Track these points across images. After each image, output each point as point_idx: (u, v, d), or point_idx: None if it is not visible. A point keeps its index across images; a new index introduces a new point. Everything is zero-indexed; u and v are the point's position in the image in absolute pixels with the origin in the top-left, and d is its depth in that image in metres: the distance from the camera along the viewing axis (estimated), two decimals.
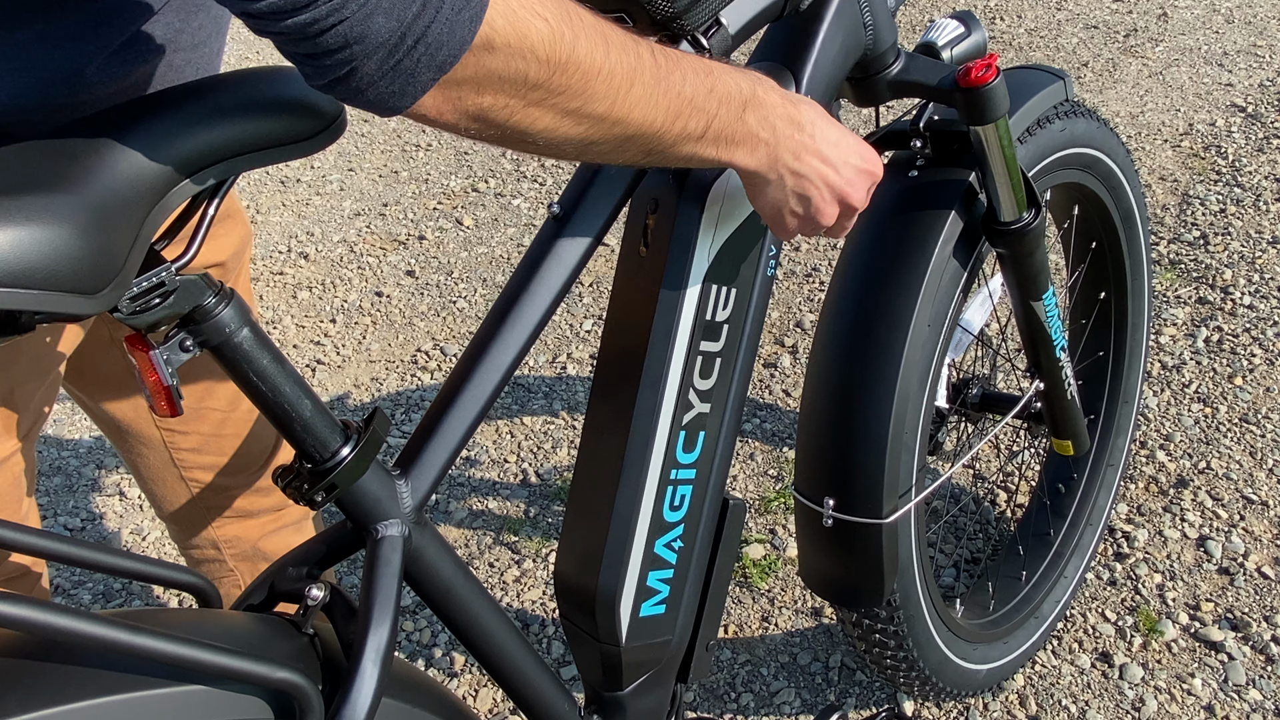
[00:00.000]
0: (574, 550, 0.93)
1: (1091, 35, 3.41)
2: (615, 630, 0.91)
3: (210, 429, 1.06)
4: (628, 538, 0.89)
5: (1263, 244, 2.32)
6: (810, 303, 2.37)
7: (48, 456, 2.22)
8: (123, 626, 0.54)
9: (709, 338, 0.89)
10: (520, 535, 1.86)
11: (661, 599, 0.93)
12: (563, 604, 0.95)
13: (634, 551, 0.89)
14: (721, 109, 0.73)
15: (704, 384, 0.90)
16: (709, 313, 0.89)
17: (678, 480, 0.91)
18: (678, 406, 0.89)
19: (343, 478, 0.70)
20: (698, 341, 0.88)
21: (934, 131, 1.09)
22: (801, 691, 1.52)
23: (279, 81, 0.63)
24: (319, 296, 2.67)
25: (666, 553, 0.92)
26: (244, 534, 1.18)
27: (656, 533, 0.91)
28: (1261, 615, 1.53)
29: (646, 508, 0.89)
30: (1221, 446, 1.82)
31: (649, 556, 0.91)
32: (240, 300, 0.65)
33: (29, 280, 0.51)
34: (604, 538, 0.89)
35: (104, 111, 0.59)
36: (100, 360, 0.99)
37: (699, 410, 0.91)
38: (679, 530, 0.92)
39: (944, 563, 1.71)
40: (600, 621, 0.91)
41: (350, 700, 0.65)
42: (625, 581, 0.90)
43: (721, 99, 0.73)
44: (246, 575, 1.20)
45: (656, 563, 0.91)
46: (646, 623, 0.93)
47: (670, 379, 0.88)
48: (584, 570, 0.91)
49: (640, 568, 0.90)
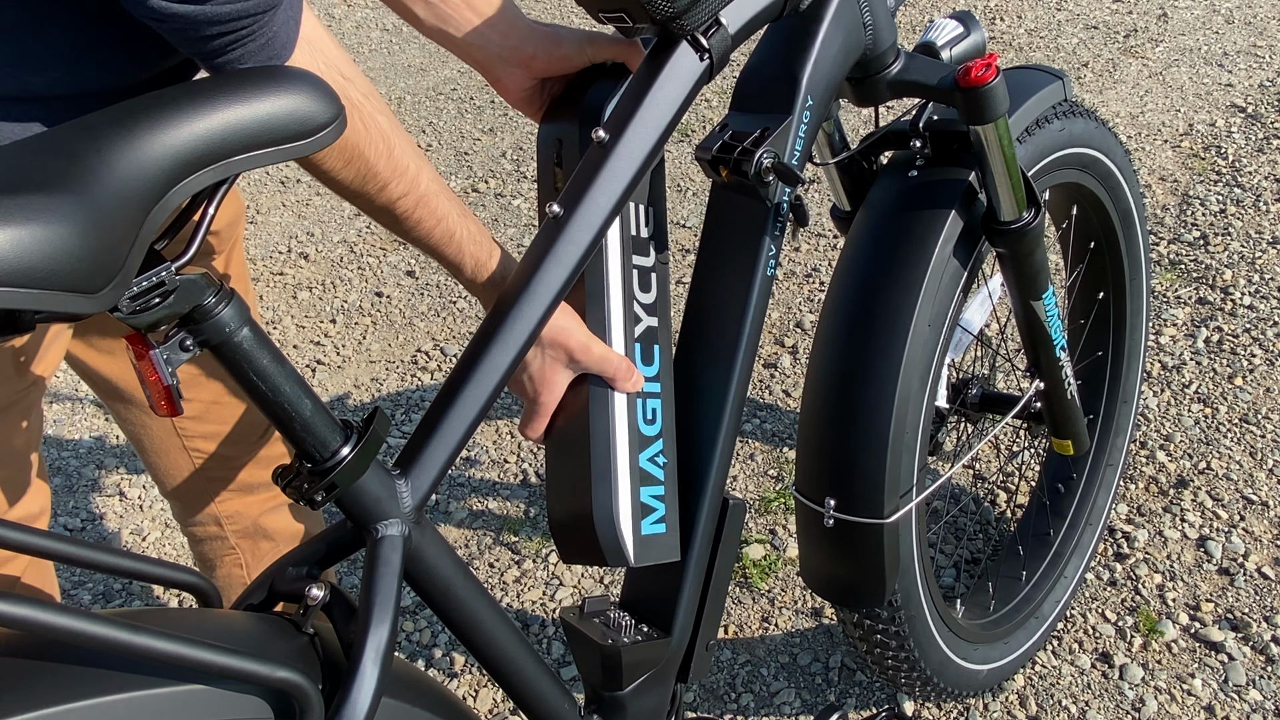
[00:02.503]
0: (562, 486, 0.93)
1: (1091, 35, 3.41)
2: (621, 550, 0.90)
3: (211, 396, 1.07)
4: (610, 454, 0.90)
5: (1263, 244, 2.32)
6: (810, 303, 2.37)
7: (48, 456, 2.22)
8: (123, 626, 0.54)
9: (639, 252, 0.93)
10: (520, 535, 1.86)
11: (660, 517, 0.93)
12: (564, 546, 0.94)
13: (620, 467, 0.90)
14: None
15: (646, 297, 0.93)
16: (633, 228, 0.93)
17: (645, 394, 0.93)
18: (626, 320, 0.91)
19: (342, 477, 0.70)
20: (629, 256, 0.91)
21: (934, 131, 1.09)
22: (801, 692, 1.52)
23: (279, 81, 0.63)
24: (319, 297, 2.67)
25: (653, 468, 0.93)
26: (245, 509, 1.18)
27: (637, 448, 0.92)
28: (1261, 615, 1.53)
29: (621, 423, 0.90)
30: (1221, 447, 1.82)
31: (636, 471, 0.91)
32: (240, 300, 0.65)
33: (29, 279, 0.51)
34: (587, 461, 0.90)
35: (104, 111, 0.59)
36: (105, 325, 0.99)
37: (647, 324, 0.93)
38: (659, 445, 0.94)
39: (944, 563, 1.71)
40: (604, 545, 0.90)
41: (350, 700, 0.65)
42: (619, 498, 0.90)
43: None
44: (247, 553, 1.21)
45: (645, 478, 0.92)
46: (651, 542, 0.92)
47: (612, 294, 0.91)
48: (576, 499, 0.91)
49: (630, 483, 0.91)
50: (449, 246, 0.87)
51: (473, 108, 3.57)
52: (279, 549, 1.23)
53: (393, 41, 4.26)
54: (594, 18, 0.85)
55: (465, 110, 3.57)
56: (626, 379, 0.90)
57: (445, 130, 3.45)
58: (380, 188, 0.81)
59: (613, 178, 0.83)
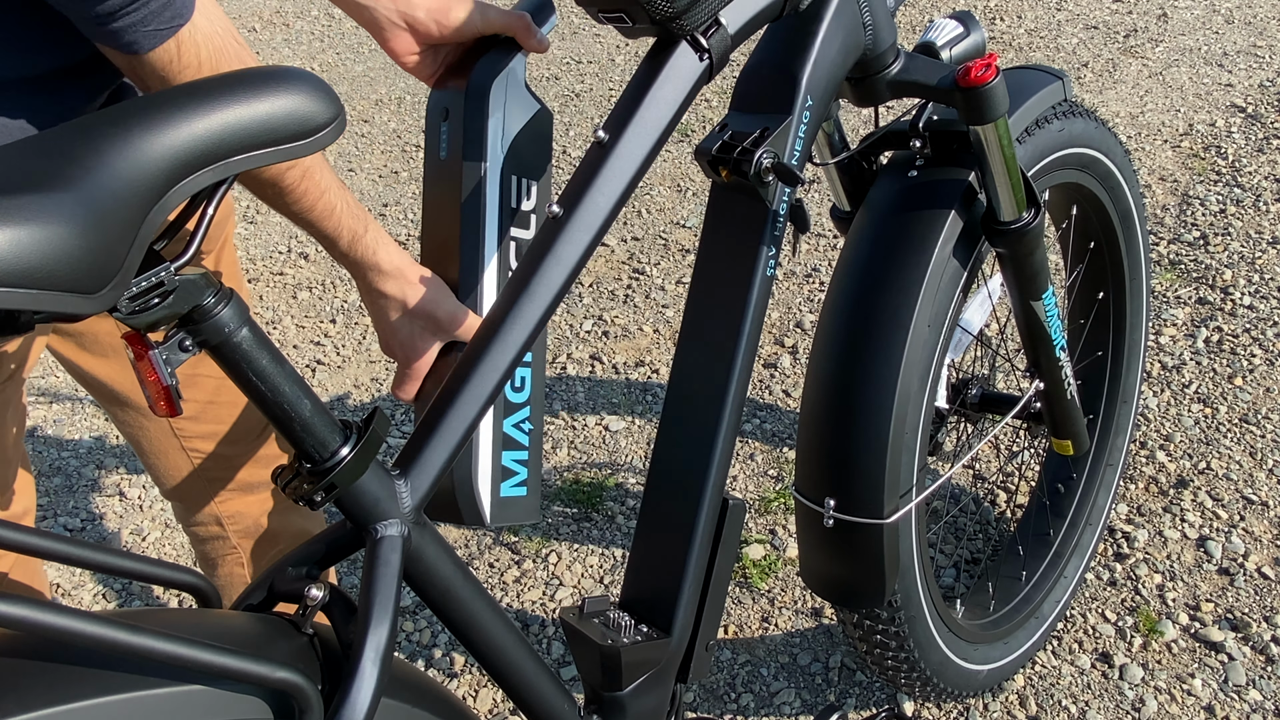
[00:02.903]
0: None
1: (1091, 35, 3.41)
2: (478, 509, 0.95)
3: (206, 396, 1.07)
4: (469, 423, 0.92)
5: (1263, 244, 2.32)
6: (810, 303, 2.37)
7: (48, 456, 2.22)
8: (122, 626, 0.54)
9: (520, 225, 0.96)
10: (520, 535, 1.86)
11: (520, 480, 0.97)
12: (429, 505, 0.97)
13: (483, 431, 0.94)
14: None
15: None
16: (513, 201, 0.96)
17: None
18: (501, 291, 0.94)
19: (342, 478, 0.70)
20: (508, 228, 0.94)
21: (933, 131, 1.09)
22: (801, 692, 1.52)
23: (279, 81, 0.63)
24: (319, 297, 2.67)
25: (518, 434, 0.96)
26: (246, 509, 1.19)
27: (503, 413, 0.96)
28: (1261, 615, 1.53)
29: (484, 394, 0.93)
30: (1221, 447, 1.82)
31: (499, 436, 0.95)
32: (239, 300, 0.65)
33: (28, 280, 0.51)
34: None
35: (103, 111, 0.59)
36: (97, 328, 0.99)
37: None
38: (526, 411, 0.97)
39: (944, 563, 1.71)
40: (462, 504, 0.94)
41: (350, 700, 0.65)
42: (479, 460, 0.93)
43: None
44: (249, 552, 1.22)
45: (509, 443, 0.96)
46: (509, 503, 0.97)
47: (487, 265, 0.94)
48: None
49: (493, 447, 0.94)
50: (329, 220, 0.90)
51: None
52: (281, 548, 1.23)
53: None
54: (594, 18, 0.85)
55: None
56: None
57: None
58: None
59: (612, 178, 0.83)
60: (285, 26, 4.57)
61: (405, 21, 0.94)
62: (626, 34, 0.86)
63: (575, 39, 4.00)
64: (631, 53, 3.77)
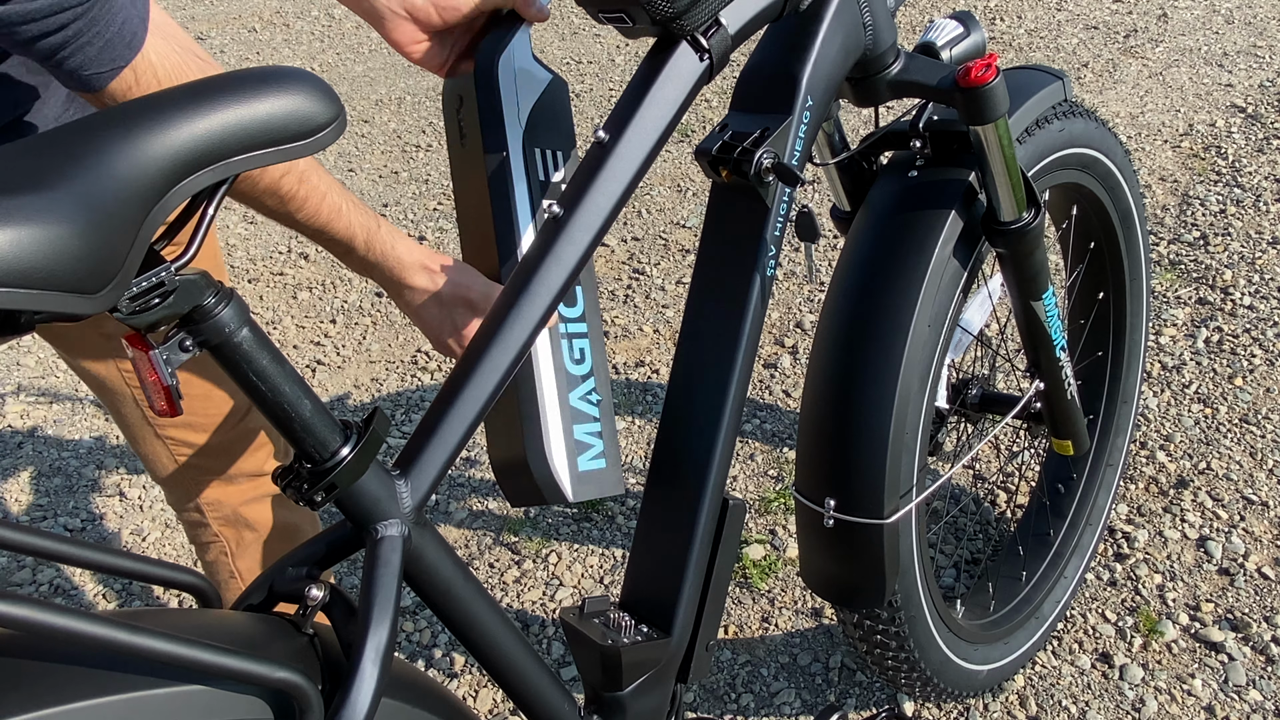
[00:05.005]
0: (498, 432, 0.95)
1: (1091, 36, 3.41)
2: (558, 487, 0.93)
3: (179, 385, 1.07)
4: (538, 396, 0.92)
5: (1263, 244, 2.32)
6: (810, 303, 2.37)
7: (48, 457, 2.22)
8: (123, 626, 0.54)
9: (552, 197, 0.94)
10: (520, 535, 1.86)
11: (598, 453, 0.95)
12: (508, 491, 0.97)
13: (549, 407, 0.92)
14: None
15: None
16: (540, 173, 0.94)
17: (570, 334, 0.95)
18: None
19: (342, 478, 0.70)
20: (539, 201, 0.92)
21: (933, 131, 1.09)
22: (801, 692, 1.52)
23: (279, 81, 0.63)
24: (319, 297, 2.67)
25: (586, 405, 0.95)
26: (225, 498, 1.19)
27: (567, 387, 0.94)
28: (1261, 616, 1.53)
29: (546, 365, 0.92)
30: (1221, 447, 1.82)
31: (568, 410, 0.93)
32: (240, 300, 0.65)
33: (28, 280, 0.51)
34: (517, 405, 0.92)
35: (103, 111, 0.59)
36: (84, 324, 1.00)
37: None
38: (591, 383, 0.96)
39: (944, 563, 1.71)
40: (541, 483, 0.93)
41: (350, 700, 0.65)
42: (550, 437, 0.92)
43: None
44: (231, 542, 1.22)
45: (579, 416, 0.94)
46: (589, 477, 0.95)
47: (524, 240, 0.92)
48: (510, 443, 0.93)
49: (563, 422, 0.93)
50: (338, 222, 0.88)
51: None
52: (261, 539, 1.24)
53: None
54: (594, 18, 0.85)
55: None
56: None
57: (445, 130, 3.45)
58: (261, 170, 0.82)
59: (613, 178, 0.83)
60: (285, 26, 4.57)
61: (405, 9, 0.93)
62: (626, 34, 0.86)
63: (575, 39, 4.00)
64: (631, 53, 3.77)
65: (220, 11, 4.81)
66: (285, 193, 0.84)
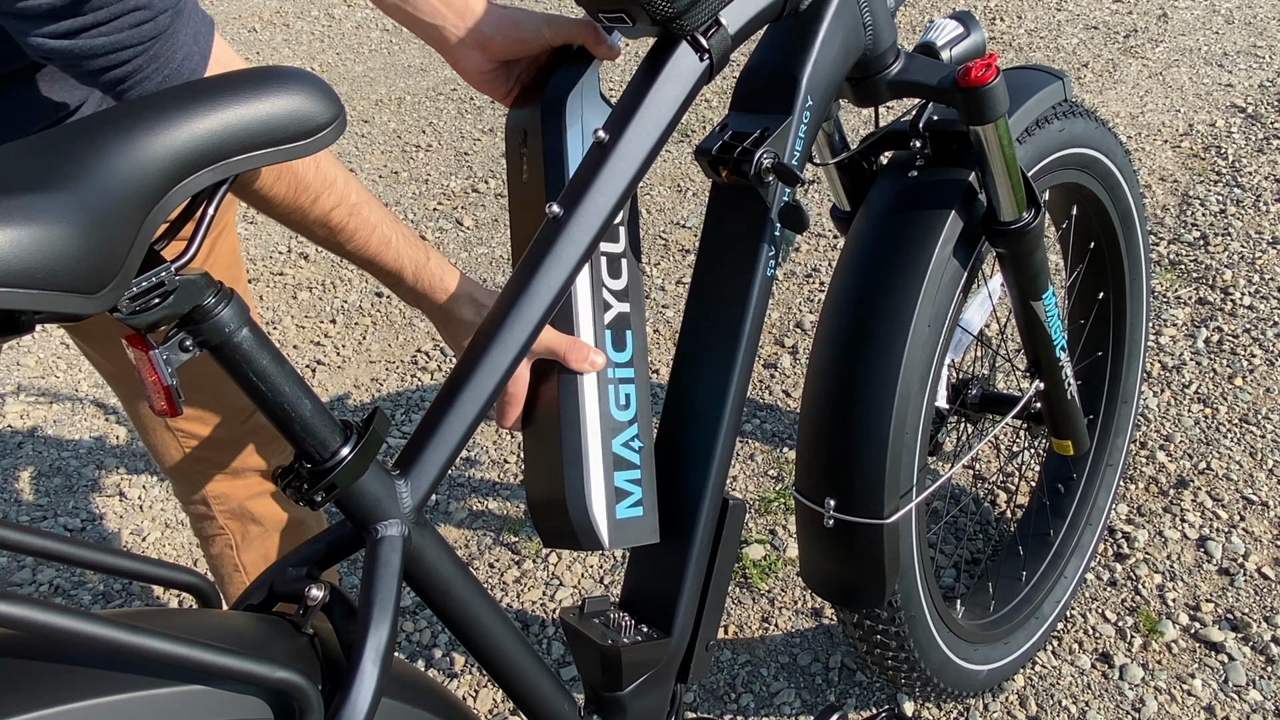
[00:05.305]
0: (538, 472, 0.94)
1: (1091, 36, 3.41)
2: (595, 534, 0.91)
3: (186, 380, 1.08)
4: (581, 440, 0.90)
5: (1263, 244, 2.32)
6: (810, 303, 2.37)
7: (48, 457, 2.23)
8: (123, 626, 0.54)
9: (609, 239, 0.92)
10: (520, 535, 1.86)
11: (636, 500, 0.94)
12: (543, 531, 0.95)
13: (592, 453, 0.91)
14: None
15: (616, 284, 0.93)
16: None
17: (617, 379, 0.93)
18: (595, 307, 0.91)
19: (342, 478, 0.70)
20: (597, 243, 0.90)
21: (934, 131, 1.09)
22: (801, 692, 1.52)
23: (278, 81, 0.63)
24: (319, 297, 2.67)
25: (628, 452, 0.93)
26: (232, 492, 1.20)
27: (610, 433, 0.92)
28: (1261, 616, 1.53)
29: (592, 410, 0.91)
30: (1221, 447, 1.82)
31: (610, 456, 0.92)
32: (240, 300, 0.65)
33: (28, 280, 0.51)
34: (559, 448, 0.90)
35: (104, 111, 0.59)
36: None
37: (618, 310, 0.93)
38: (634, 429, 0.94)
39: (944, 563, 1.71)
40: (578, 529, 0.91)
41: (350, 700, 0.65)
42: (590, 482, 0.90)
43: None
44: (237, 535, 1.23)
45: (620, 463, 0.92)
46: (627, 525, 0.93)
47: (579, 281, 0.91)
48: (550, 485, 0.92)
49: (604, 468, 0.91)
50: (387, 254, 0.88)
51: (473, 108, 3.57)
52: (267, 534, 1.24)
53: (393, 42, 4.26)
54: (593, 17, 0.85)
55: (465, 110, 3.57)
56: (578, 358, 0.90)
57: (445, 130, 3.46)
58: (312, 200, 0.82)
59: (613, 178, 0.83)
60: (285, 26, 4.57)
61: (474, 40, 0.92)
62: (626, 34, 0.86)
63: None
64: (632, 53, 3.76)
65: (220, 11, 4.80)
66: (335, 224, 0.85)
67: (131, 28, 0.69)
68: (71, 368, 2.52)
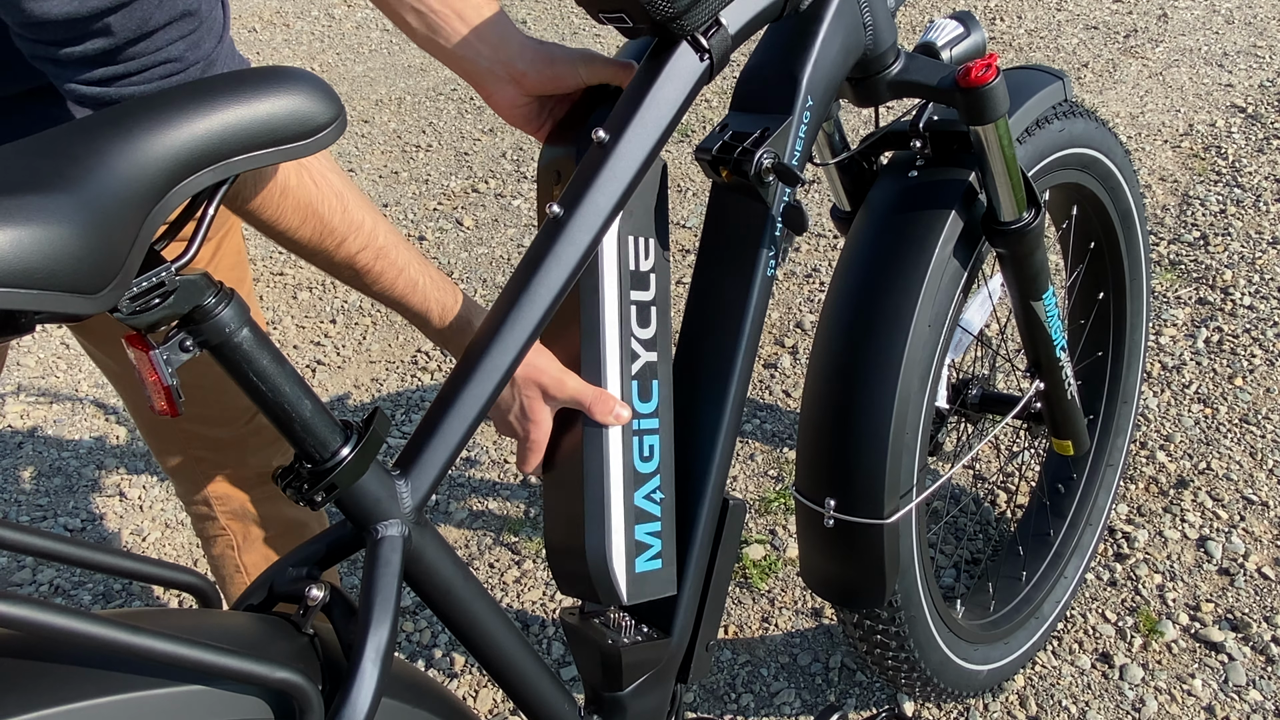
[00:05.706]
0: (557, 521, 0.93)
1: (1091, 36, 3.41)
2: (614, 589, 0.91)
3: (189, 380, 1.08)
4: (604, 494, 0.89)
5: (1263, 244, 2.32)
6: (810, 303, 2.37)
7: (48, 457, 2.23)
8: (123, 626, 0.54)
9: (638, 287, 0.91)
10: (520, 535, 1.86)
11: (655, 553, 0.93)
12: (560, 579, 0.95)
13: (614, 506, 0.90)
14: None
15: (644, 333, 0.92)
16: (632, 263, 0.91)
17: (642, 430, 0.92)
18: (623, 357, 0.90)
19: (342, 478, 0.70)
20: (627, 292, 0.90)
21: (934, 132, 1.09)
22: (801, 692, 1.52)
23: (279, 81, 0.63)
24: (319, 297, 2.67)
25: (649, 505, 0.92)
26: (233, 492, 1.20)
27: (633, 486, 0.91)
28: (1261, 616, 1.53)
29: (616, 462, 0.90)
30: (1222, 447, 1.82)
31: (631, 510, 0.91)
32: (240, 300, 0.65)
33: (29, 280, 0.51)
34: (581, 500, 0.89)
35: (104, 111, 0.59)
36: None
37: (645, 359, 0.92)
38: (656, 481, 0.93)
39: (944, 563, 1.71)
40: (597, 583, 0.90)
41: (350, 700, 0.65)
42: (612, 537, 0.90)
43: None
44: (238, 535, 1.23)
45: (641, 516, 0.92)
46: (645, 579, 0.92)
47: (608, 332, 0.89)
48: (570, 536, 0.91)
49: (625, 522, 0.90)
50: (413, 296, 0.88)
51: (473, 108, 3.57)
52: (269, 535, 1.24)
53: (393, 42, 4.26)
54: (594, 18, 0.85)
55: (465, 110, 3.57)
56: (604, 410, 0.89)
57: (445, 130, 3.46)
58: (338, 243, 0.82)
59: (613, 178, 0.83)
60: (285, 26, 4.57)
61: (508, 74, 0.92)
62: (627, 34, 0.85)
63: (575, 39, 4.00)
64: None
65: None
66: (361, 267, 0.85)
67: (162, 79, 0.70)
68: (71, 368, 2.52)
